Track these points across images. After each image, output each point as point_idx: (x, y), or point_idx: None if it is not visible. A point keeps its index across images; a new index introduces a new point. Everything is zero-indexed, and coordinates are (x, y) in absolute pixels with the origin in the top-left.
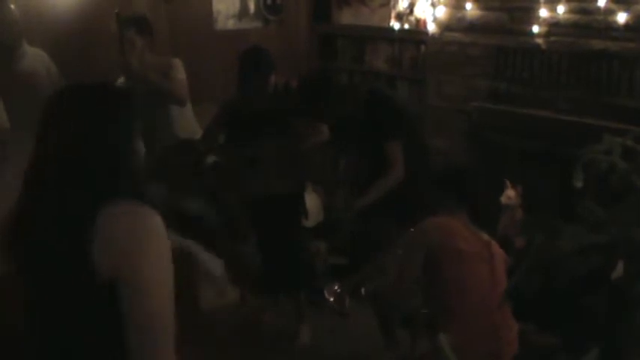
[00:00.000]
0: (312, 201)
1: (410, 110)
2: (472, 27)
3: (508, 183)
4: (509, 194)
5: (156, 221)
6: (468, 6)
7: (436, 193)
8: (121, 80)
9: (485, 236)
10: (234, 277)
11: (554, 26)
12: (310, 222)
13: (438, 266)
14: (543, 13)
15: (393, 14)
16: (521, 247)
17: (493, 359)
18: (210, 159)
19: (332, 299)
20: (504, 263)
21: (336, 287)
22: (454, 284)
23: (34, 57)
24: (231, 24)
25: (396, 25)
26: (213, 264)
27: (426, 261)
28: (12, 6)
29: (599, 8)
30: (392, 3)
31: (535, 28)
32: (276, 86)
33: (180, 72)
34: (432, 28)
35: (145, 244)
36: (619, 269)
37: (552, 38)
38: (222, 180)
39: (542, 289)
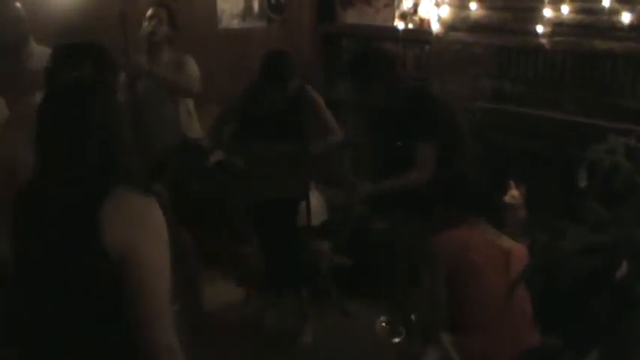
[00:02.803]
0: (315, 200)
1: (455, 114)
2: (476, 27)
3: (512, 183)
4: (513, 194)
5: (156, 207)
6: (472, 6)
7: (453, 199)
8: (121, 75)
9: (506, 243)
10: (236, 277)
11: (558, 26)
12: (314, 221)
13: (454, 279)
14: (547, 12)
15: (396, 14)
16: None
17: None
18: (215, 157)
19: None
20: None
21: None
22: (471, 297)
23: (42, 55)
24: (235, 23)
25: (400, 24)
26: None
27: (447, 276)
28: (17, 4)
29: (603, 8)
30: (396, 3)
31: (539, 28)
32: (291, 89)
33: (192, 67)
34: (436, 27)
35: (150, 228)
36: (623, 268)
37: (556, 38)
38: (226, 179)
39: (545, 289)
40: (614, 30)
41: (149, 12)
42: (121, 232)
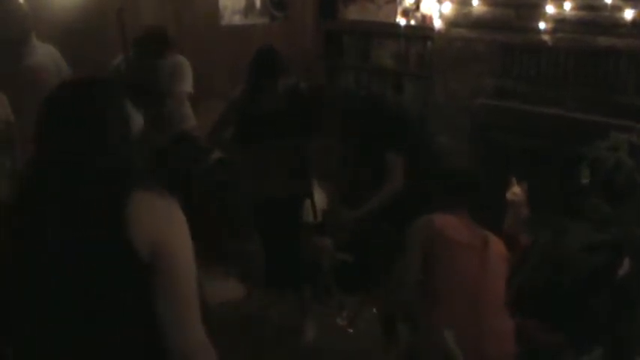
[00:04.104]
0: (317, 197)
1: (413, 119)
2: (478, 23)
3: (514, 180)
4: (515, 191)
5: (177, 202)
6: (474, 2)
7: (437, 196)
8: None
9: (484, 231)
10: (238, 275)
11: (560, 23)
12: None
13: (431, 257)
14: (550, 9)
15: (399, 10)
16: (526, 245)
17: (476, 349)
18: (215, 155)
19: (345, 323)
20: (503, 260)
21: (346, 312)
22: (440, 270)
23: (44, 53)
24: (237, 20)
25: (402, 21)
26: (234, 291)
27: (424, 257)
28: (21, 0)
29: (605, 5)
30: None
31: (541, 25)
32: (285, 86)
33: (186, 75)
34: (438, 24)
35: (177, 224)
36: (625, 266)
37: (559, 35)
38: (226, 177)
39: (547, 287)
40: (617, 26)
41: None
42: (150, 229)
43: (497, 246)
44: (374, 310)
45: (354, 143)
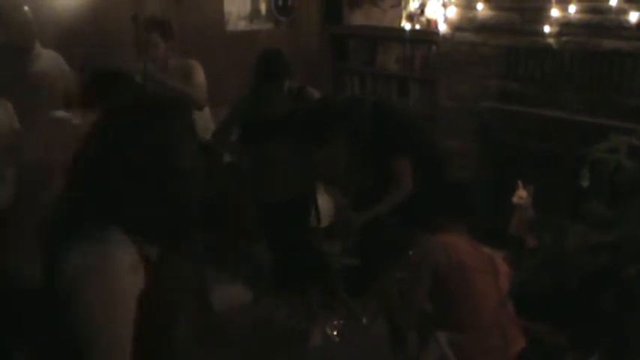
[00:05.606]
0: (324, 201)
1: (417, 122)
2: (483, 27)
3: (520, 183)
4: (521, 194)
5: (123, 262)
6: (479, 6)
7: (438, 207)
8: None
9: (488, 251)
10: (246, 278)
11: (565, 26)
12: (323, 222)
13: (446, 283)
14: (555, 12)
15: (404, 15)
16: (532, 247)
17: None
18: (226, 159)
19: (335, 333)
20: (508, 277)
21: (335, 322)
22: (464, 298)
23: (48, 59)
24: (242, 25)
25: (407, 25)
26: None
27: (434, 279)
28: (26, 7)
29: (610, 7)
30: (403, 4)
31: (546, 28)
32: (291, 89)
33: (199, 75)
34: (443, 28)
35: (103, 286)
36: (629, 267)
37: (564, 38)
38: (235, 180)
39: (551, 289)
40: (622, 29)
41: (144, 37)
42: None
43: (502, 267)
44: (364, 320)
45: (359, 147)
